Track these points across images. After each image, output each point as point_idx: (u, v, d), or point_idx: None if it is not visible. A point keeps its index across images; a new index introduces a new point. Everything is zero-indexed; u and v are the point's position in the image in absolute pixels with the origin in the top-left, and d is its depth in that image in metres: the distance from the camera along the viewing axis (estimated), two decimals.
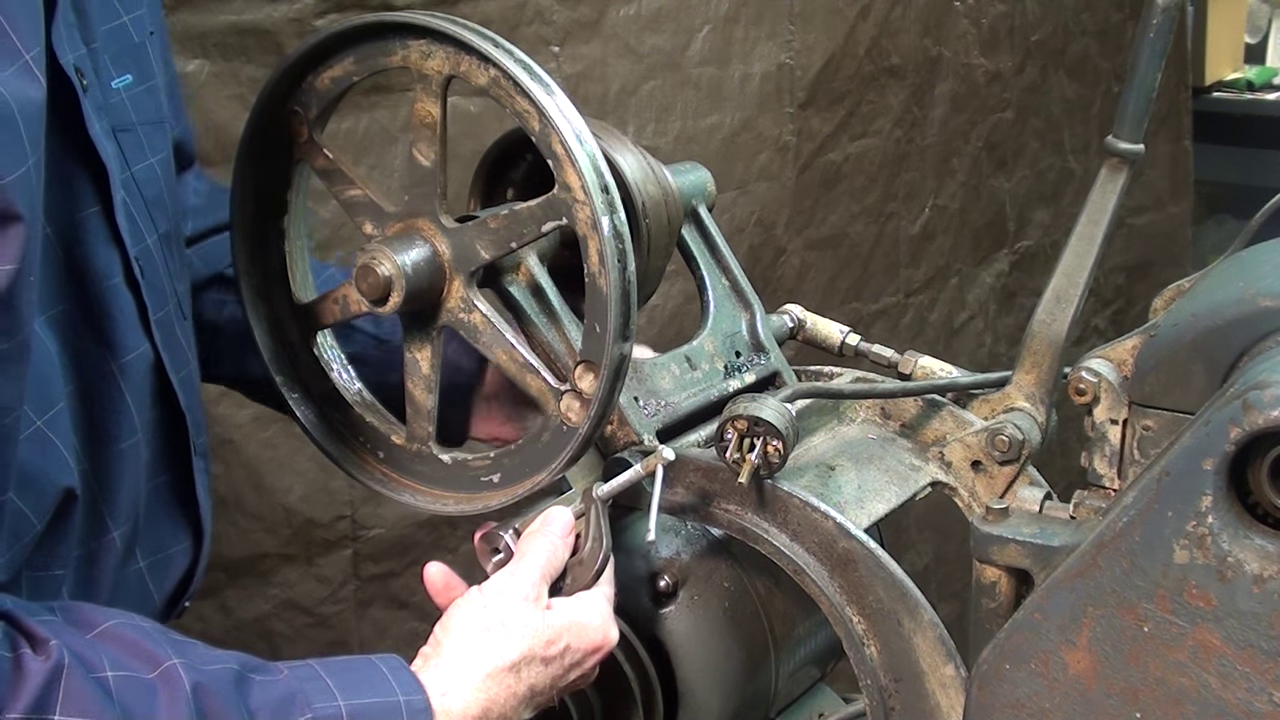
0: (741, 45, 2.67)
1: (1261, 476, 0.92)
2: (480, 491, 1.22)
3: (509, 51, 1.11)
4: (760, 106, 2.72)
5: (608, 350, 1.12)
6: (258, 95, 1.22)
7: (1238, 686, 0.93)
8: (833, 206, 2.97)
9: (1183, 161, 4.20)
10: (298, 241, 1.28)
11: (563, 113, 1.09)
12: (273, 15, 1.94)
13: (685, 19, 2.56)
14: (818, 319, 1.46)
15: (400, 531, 2.20)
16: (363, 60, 1.18)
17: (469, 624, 1.11)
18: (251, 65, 1.92)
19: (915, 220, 3.23)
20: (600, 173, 1.10)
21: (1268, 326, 1.04)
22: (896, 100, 3.08)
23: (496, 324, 1.18)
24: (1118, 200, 1.24)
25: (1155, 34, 1.19)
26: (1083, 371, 1.19)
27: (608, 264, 1.10)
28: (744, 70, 2.68)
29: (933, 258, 3.30)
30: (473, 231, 1.16)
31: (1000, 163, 3.50)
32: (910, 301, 3.25)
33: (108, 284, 1.13)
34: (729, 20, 2.64)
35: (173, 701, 0.98)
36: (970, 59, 3.31)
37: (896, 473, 1.28)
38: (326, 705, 1.02)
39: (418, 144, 1.16)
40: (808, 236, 2.91)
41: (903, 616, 1.13)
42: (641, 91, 2.49)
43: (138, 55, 1.23)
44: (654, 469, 1.16)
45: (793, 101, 2.80)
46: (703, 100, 2.60)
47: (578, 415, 1.16)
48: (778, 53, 2.75)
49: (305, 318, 1.28)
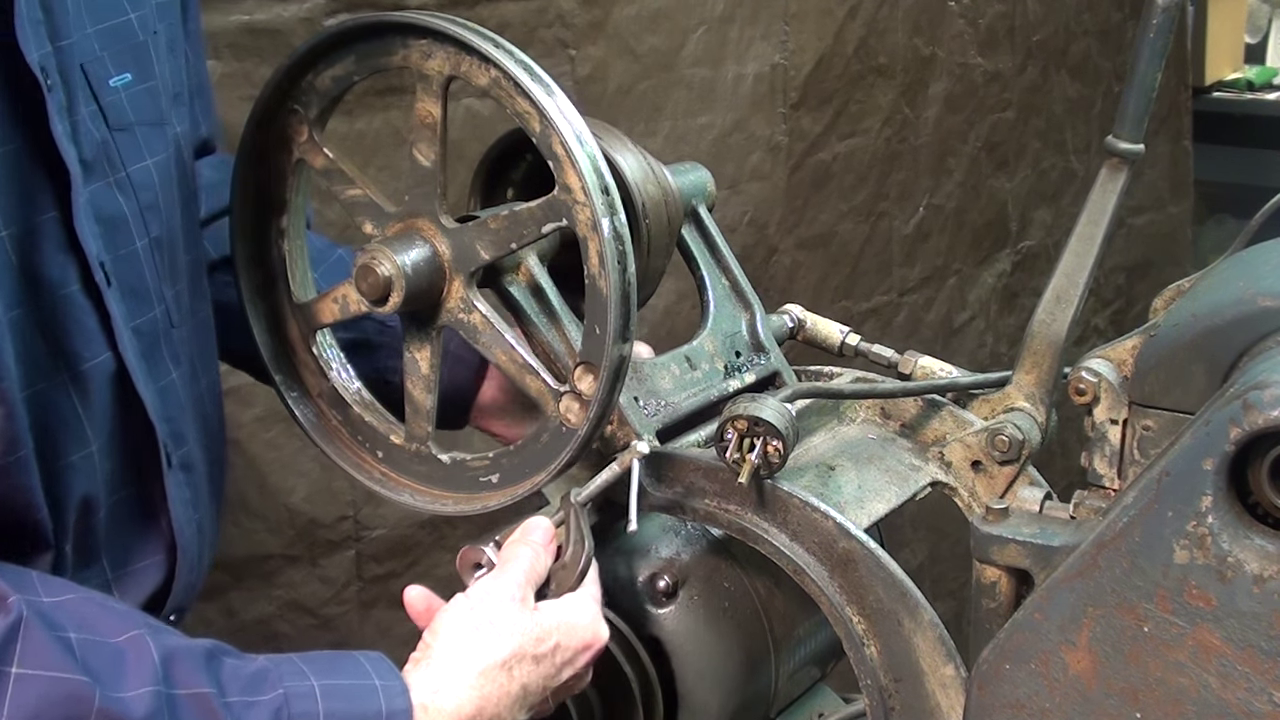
0: (736, 46, 2.68)
1: (1261, 476, 0.92)
2: (479, 492, 1.22)
3: (509, 52, 1.11)
4: (753, 106, 2.73)
5: (607, 352, 1.12)
6: (259, 94, 1.22)
7: (1238, 686, 0.93)
8: (822, 206, 2.98)
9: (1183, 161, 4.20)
10: (297, 240, 1.28)
11: (563, 114, 1.09)
12: (283, 15, 1.94)
13: (681, 19, 2.56)
14: (818, 319, 1.46)
15: (402, 531, 2.20)
16: (364, 60, 1.18)
17: (457, 625, 1.10)
18: (265, 66, 1.92)
19: (909, 220, 3.24)
20: (601, 174, 1.10)
21: (1268, 326, 1.04)
22: (886, 100, 3.10)
23: (496, 324, 1.18)
24: (1118, 200, 1.24)
25: (1155, 34, 1.19)
26: (1083, 371, 1.19)
27: (608, 266, 1.10)
28: (737, 70, 2.69)
29: (928, 257, 3.31)
30: (473, 232, 1.16)
31: (1001, 162, 3.50)
32: (904, 301, 3.26)
33: (61, 292, 1.10)
34: (724, 20, 2.65)
35: (139, 665, 0.95)
36: (967, 59, 3.32)
37: (896, 473, 1.28)
38: (299, 684, 1.01)
39: (418, 144, 1.17)
40: (798, 235, 2.92)
41: (903, 616, 1.13)
42: (636, 91, 2.49)
43: (138, 54, 1.21)
44: (629, 465, 1.17)
45: (785, 102, 2.81)
46: (694, 100, 2.61)
47: (577, 416, 1.16)
48: (772, 53, 2.76)
49: (305, 316, 1.28)
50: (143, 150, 1.19)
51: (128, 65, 1.18)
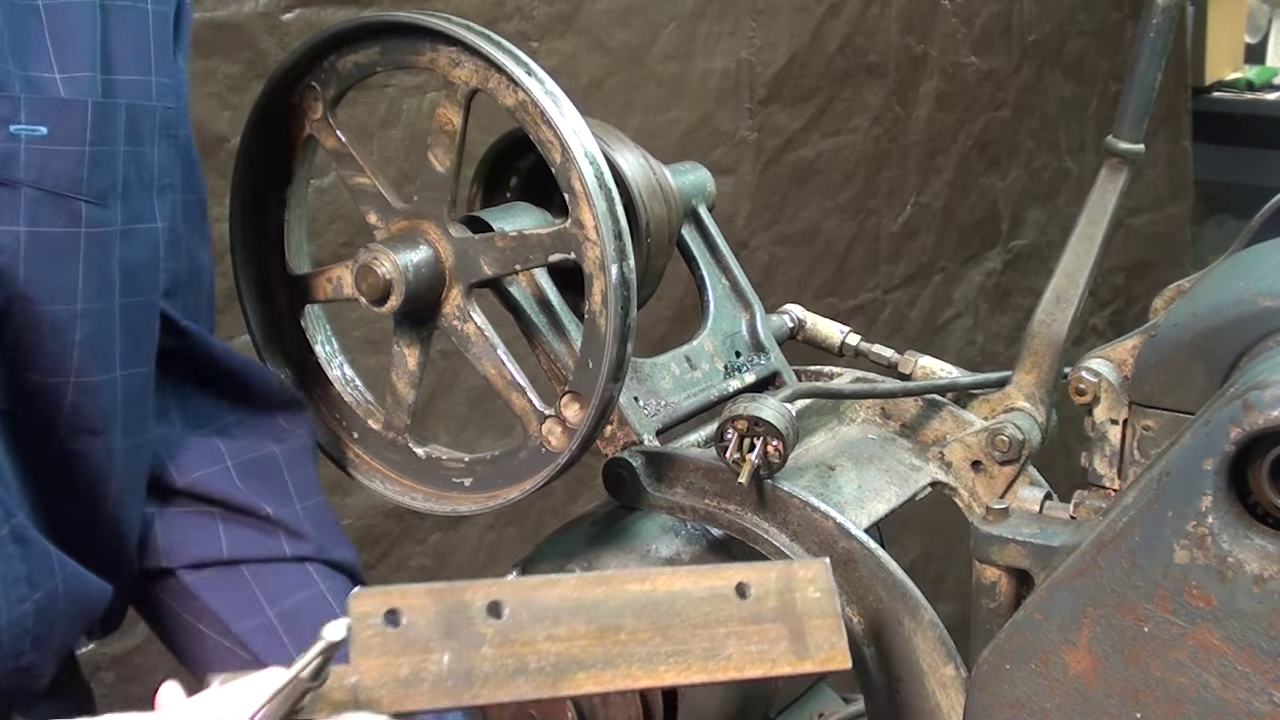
0: (705, 41, 2.71)
1: (1261, 476, 0.92)
2: (450, 492, 1.22)
3: (540, 81, 1.10)
4: (718, 102, 2.76)
5: (599, 389, 1.12)
6: (279, 63, 1.22)
7: (1238, 686, 0.93)
8: (804, 203, 3.00)
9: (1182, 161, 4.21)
10: (297, 210, 1.29)
11: (587, 152, 1.09)
12: (242, 10, 1.94)
13: (653, 14, 2.59)
14: (818, 319, 1.46)
15: (369, 521, 2.20)
16: (389, 53, 1.17)
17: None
18: (228, 63, 1.92)
19: (896, 217, 3.25)
20: (616, 218, 1.10)
21: (1268, 326, 1.04)
22: (876, 98, 3.12)
23: (490, 338, 1.18)
24: (1118, 200, 1.24)
25: (1155, 34, 1.19)
26: (1083, 371, 1.19)
27: (610, 308, 1.10)
28: (705, 65, 2.72)
29: (914, 255, 3.33)
30: (479, 246, 1.16)
31: (993, 161, 3.51)
32: (888, 298, 3.28)
33: None
34: (694, 16, 2.68)
35: None
36: (960, 58, 3.33)
37: (896, 473, 1.29)
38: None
39: (435, 148, 1.16)
40: (777, 232, 2.94)
41: (903, 616, 1.14)
42: (607, 85, 2.50)
43: (61, 109, 1.05)
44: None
45: (752, 97, 2.84)
46: (664, 95, 2.63)
47: (558, 440, 1.16)
48: (738, 48, 2.79)
49: (297, 289, 1.29)
50: (19, 214, 1.04)
51: (45, 119, 1.04)
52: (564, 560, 1.23)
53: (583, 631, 0.93)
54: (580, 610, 0.94)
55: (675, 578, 0.97)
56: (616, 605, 0.95)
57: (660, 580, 0.96)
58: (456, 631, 0.90)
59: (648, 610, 0.95)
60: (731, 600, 0.97)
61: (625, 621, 0.94)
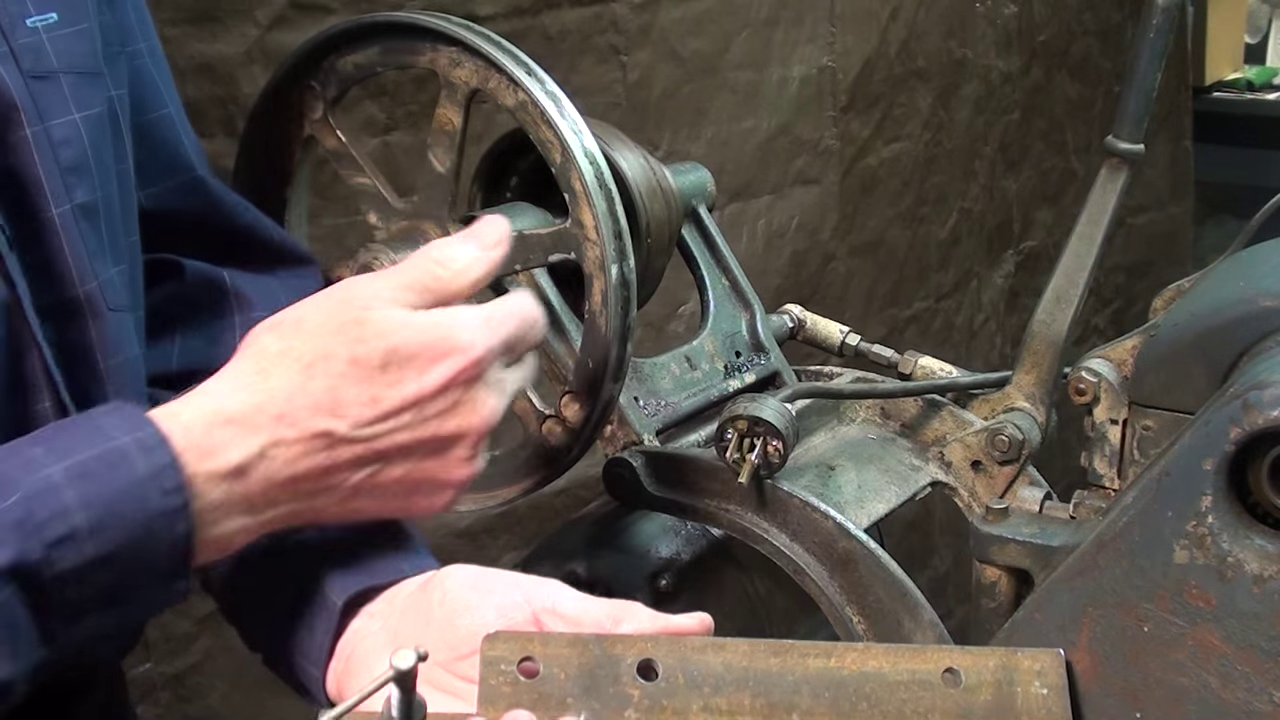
0: (780, 48, 2.64)
1: (1261, 476, 0.92)
2: None
3: (540, 81, 1.10)
4: (799, 110, 2.70)
5: (602, 390, 1.12)
6: (279, 64, 1.21)
7: (1238, 686, 0.93)
8: (871, 212, 2.94)
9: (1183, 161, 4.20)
10: (297, 209, 1.28)
11: (587, 152, 1.09)
12: None
13: (726, 22, 2.54)
14: (817, 319, 1.46)
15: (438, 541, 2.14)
16: (389, 54, 1.17)
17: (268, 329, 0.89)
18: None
19: (944, 224, 3.20)
20: (616, 218, 1.10)
21: (1268, 326, 1.04)
22: (925, 103, 3.06)
23: None
24: (1118, 200, 1.24)
25: (1155, 34, 1.19)
26: (1083, 371, 1.19)
27: (610, 308, 1.10)
28: (782, 73, 2.65)
29: (960, 261, 3.28)
30: None
31: (1010, 164, 3.49)
32: (940, 306, 3.22)
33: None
34: (769, 23, 2.60)
35: None
36: (989, 60, 3.30)
37: (896, 473, 1.29)
38: (36, 478, 0.80)
39: (435, 149, 1.16)
40: (850, 243, 2.88)
41: (903, 616, 1.14)
42: (680, 95, 2.47)
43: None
44: None
45: (835, 105, 2.78)
46: (739, 104, 2.57)
47: (558, 440, 1.16)
48: (819, 55, 2.72)
49: None
50: (69, 103, 0.98)
51: (52, 3, 0.97)
52: (564, 560, 1.23)
53: (748, 706, 0.81)
54: (748, 681, 0.81)
55: (868, 655, 0.84)
56: (793, 681, 0.82)
57: (850, 657, 0.84)
58: (599, 690, 0.79)
59: (830, 690, 0.82)
60: (936, 687, 0.84)
61: (801, 700, 0.82)
